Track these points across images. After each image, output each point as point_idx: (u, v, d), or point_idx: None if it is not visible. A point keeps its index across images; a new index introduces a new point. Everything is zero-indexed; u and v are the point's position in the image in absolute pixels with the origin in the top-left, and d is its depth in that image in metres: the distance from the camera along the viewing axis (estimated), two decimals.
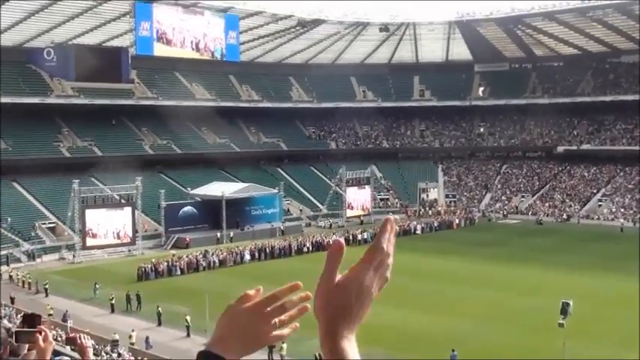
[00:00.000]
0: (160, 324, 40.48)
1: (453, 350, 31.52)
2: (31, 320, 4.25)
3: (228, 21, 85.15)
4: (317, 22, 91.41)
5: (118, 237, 64.25)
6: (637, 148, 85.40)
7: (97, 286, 47.25)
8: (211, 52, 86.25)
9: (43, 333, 4.11)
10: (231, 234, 69.20)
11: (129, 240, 64.62)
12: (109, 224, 63.49)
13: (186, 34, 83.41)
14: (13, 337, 4.11)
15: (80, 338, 4.66)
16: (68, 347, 11.98)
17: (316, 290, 1.90)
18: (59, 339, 24.57)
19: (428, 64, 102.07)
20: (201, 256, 57.96)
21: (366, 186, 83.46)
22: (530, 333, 35.44)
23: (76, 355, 5.38)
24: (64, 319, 38.14)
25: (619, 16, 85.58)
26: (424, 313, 40.24)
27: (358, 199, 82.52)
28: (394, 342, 34.79)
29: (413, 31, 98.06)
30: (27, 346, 4.20)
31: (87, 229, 62.35)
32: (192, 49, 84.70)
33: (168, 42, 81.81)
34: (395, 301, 42.89)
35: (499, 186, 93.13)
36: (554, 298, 33.38)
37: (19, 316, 34.83)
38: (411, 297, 43.78)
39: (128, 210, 65.02)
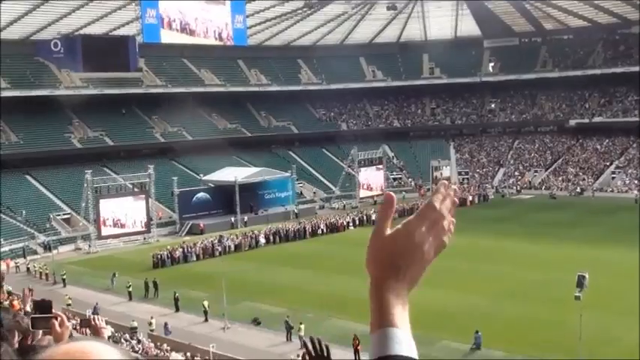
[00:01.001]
0: (177, 310, 40.73)
1: (477, 332, 31.50)
2: (42, 306, 4.28)
3: (234, 5, 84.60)
4: (324, 3, 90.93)
5: (133, 225, 64.53)
6: None
7: (115, 276, 47.48)
8: (227, 38, 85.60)
9: (59, 318, 4.13)
10: (246, 218, 69.36)
11: (143, 228, 64.89)
12: (124, 213, 63.72)
13: (197, 19, 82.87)
14: (29, 324, 4.13)
15: (95, 320, 4.68)
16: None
17: (368, 243, 1.85)
18: (77, 327, 24.74)
19: (437, 41, 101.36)
20: (216, 241, 58.15)
21: (379, 166, 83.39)
22: (547, 306, 35.45)
23: None
24: (95, 312, 37.85)
25: None
26: (441, 290, 40.15)
27: (371, 179, 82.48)
28: (412, 319, 34.82)
29: (421, 9, 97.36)
30: (41, 332, 4.21)
31: (101, 218, 62.63)
32: (203, 36, 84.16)
33: (181, 28, 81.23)
34: None
35: (512, 161, 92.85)
36: (569, 271, 33.32)
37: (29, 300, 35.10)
38: (427, 275, 43.74)
39: (142, 198, 65.22)
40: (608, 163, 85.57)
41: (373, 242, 1.83)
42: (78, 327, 24.33)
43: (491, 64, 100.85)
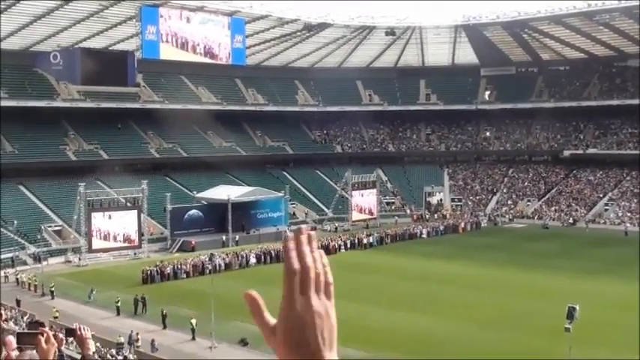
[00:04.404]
0: (165, 327, 40.47)
1: None
2: (35, 328, 4.27)
3: (234, 24, 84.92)
4: (323, 26, 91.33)
5: (124, 240, 64.29)
6: None
7: (93, 291, 47.28)
8: (226, 57, 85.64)
9: (45, 334, 4.11)
10: (237, 237, 69.17)
11: (135, 243, 64.66)
12: (115, 227, 63.49)
13: (196, 38, 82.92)
14: (15, 339, 4.11)
15: (80, 329, 4.64)
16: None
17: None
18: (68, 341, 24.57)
19: (434, 67, 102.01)
20: (206, 259, 57.84)
21: (372, 190, 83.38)
22: (537, 337, 35.30)
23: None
24: (130, 342, 36.90)
25: (626, 20, 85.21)
26: (431, 317, 40.16)
27: (364, 202, 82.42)
28: (402, 345, 34.72)
29: (419, 35, 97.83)
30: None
31: (93, 232, 62.40)
32: (201, 54, 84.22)
33: (181, 46, 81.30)
34: (403, 305, 42.93)
35: (505, 190, 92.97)
36: (560, 302, 33.27)
37: (24, 318, 34.91)
38: (417, 301, 43.75)
39: (134, 213, 65.03)
40: (601, 195, 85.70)
41: (267, 339, 1.75)
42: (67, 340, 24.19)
43: (487, 93, 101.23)
